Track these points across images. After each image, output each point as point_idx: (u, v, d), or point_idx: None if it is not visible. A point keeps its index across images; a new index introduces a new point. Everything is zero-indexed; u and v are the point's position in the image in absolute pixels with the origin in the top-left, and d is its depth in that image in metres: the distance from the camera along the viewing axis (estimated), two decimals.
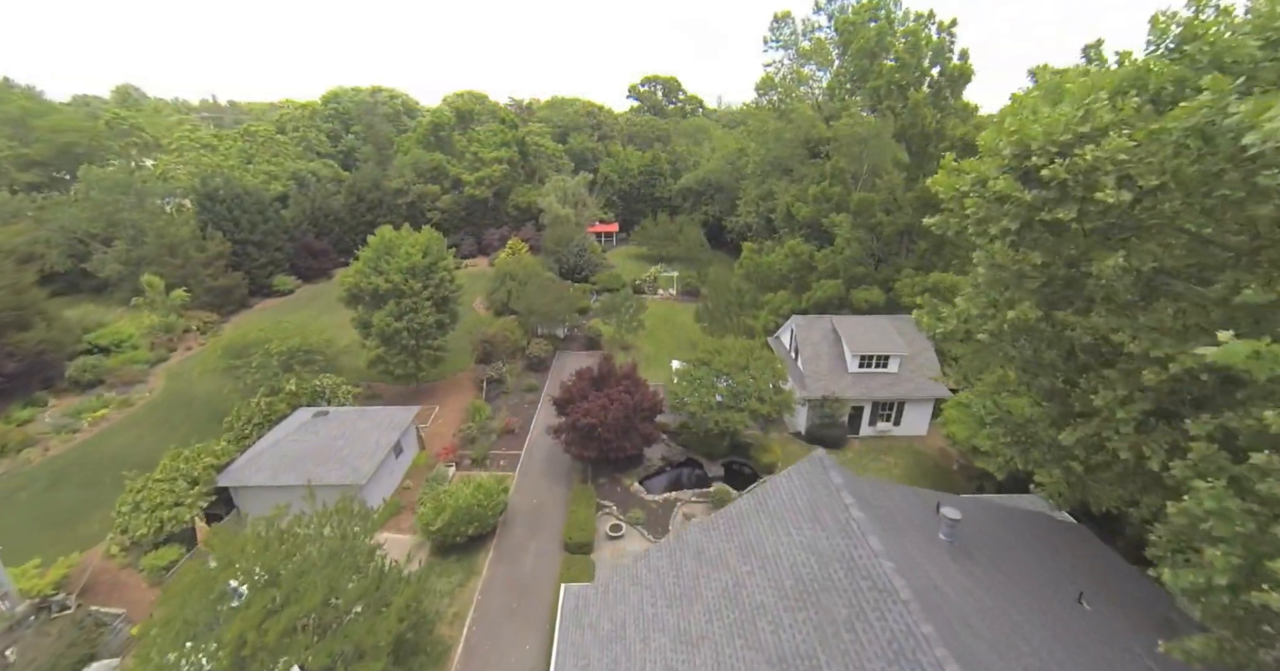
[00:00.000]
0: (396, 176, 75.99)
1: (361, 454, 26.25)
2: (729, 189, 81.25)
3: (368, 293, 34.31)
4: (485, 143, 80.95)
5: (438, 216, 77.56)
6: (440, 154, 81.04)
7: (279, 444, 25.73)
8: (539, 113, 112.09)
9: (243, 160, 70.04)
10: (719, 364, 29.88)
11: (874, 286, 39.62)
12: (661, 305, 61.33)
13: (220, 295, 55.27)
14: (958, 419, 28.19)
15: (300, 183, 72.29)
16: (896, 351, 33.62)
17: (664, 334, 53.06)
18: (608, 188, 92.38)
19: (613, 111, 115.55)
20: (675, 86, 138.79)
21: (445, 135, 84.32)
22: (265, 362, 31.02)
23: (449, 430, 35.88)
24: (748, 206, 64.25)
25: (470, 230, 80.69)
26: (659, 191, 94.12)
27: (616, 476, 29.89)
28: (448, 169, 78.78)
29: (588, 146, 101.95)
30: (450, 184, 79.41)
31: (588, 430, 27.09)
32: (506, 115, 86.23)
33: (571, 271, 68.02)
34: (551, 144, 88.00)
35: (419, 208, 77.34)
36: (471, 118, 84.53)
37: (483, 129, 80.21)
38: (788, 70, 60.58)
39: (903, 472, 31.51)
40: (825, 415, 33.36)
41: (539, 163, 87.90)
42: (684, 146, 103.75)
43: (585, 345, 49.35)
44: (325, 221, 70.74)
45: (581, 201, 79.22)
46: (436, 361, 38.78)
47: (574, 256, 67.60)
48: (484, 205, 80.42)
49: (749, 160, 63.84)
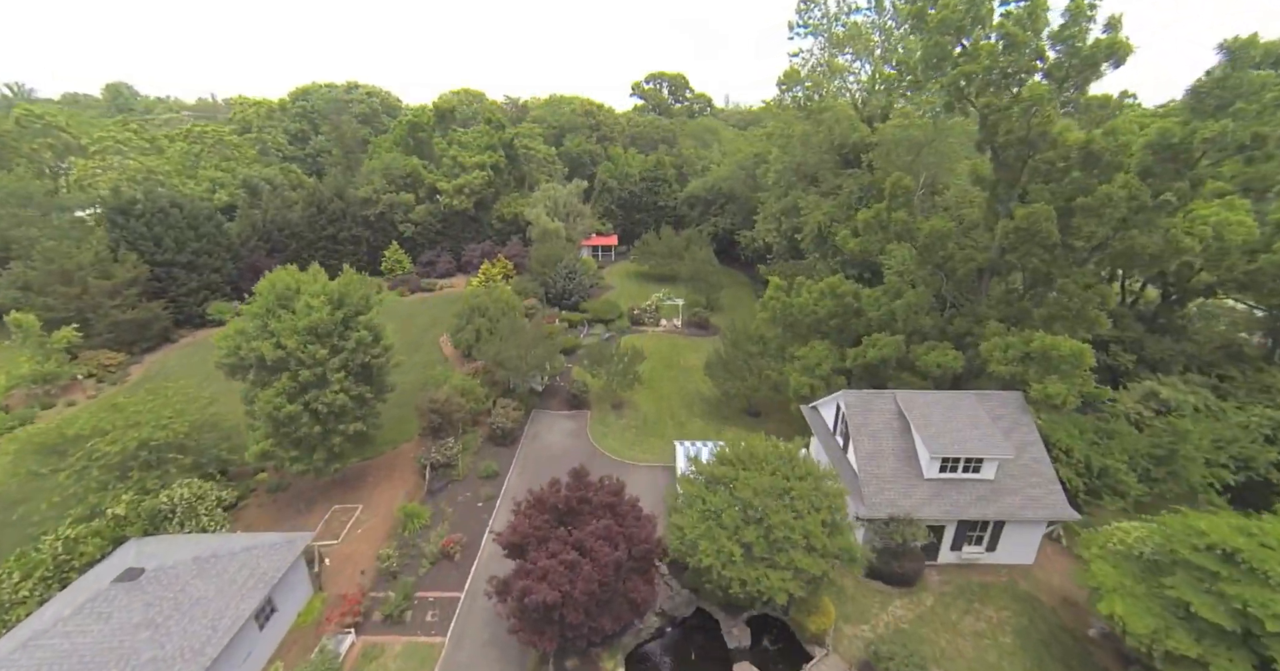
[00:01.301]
0: (364, 183, 66.41)
1: (185, 650, 16.57)
2: (743, 198, 71.26)
3: (252, 361, 24.57)
4: (467, 146, 71.25)
5: (410, 230, 67.93)
6: (417, 158, 71.42)
7: (29, 648, 15.94)
8: (533, 112, 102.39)
9: (186, 165, 60.54)
10: (745, 489, 19.92)
11: (946, 345, 29.58)
12: (663, 340, 51.46)
13: (133, 330, 45.80)
14: (1121, 586, 18.09)
15: (252, 191, 62.84)
16: (996, 453, 23.58)
17: (666, 384, 43.15)
18: (606, 195, 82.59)
19: (613, 111, 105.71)
20: (682, 83, 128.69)
21: (425, 137, 74.66)
22: (85, 469, 21.35)
23: (372, 544, 26.14)
24: (767, 223, 54.16)
25: (448, 245, 70.99)
26: (663, 199, 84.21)
27: (592, 654, 20.04)
28: (423, 175, 69.18)
29: (585, 149, 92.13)
30: (426, 192, 69.79)
31: (543, 611, 17.26)
32: (492, 115, 76.56)
33: (560, 297, 58.26)
34: (542, 147, 78.25)
35: (389, 219, 67.75)
36: (454, 117, 74.99)
37: (463, 131, 70.44)
38: (817, 61, 50.56)
39: (1014, 641, 21.46)
40: (893, 541, 23.39)
41: (528, 168, 78.17)
42: (691, 149, 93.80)
43: (568, 402, 39.43)
44: (279, 236, 61.23)
45: (575, 213, 69.41)
46: (363, 442, 29.08)
47: (562, 279, 57.80)
48: (464, 217, 70.76)
49: (769, 168, 53.85)
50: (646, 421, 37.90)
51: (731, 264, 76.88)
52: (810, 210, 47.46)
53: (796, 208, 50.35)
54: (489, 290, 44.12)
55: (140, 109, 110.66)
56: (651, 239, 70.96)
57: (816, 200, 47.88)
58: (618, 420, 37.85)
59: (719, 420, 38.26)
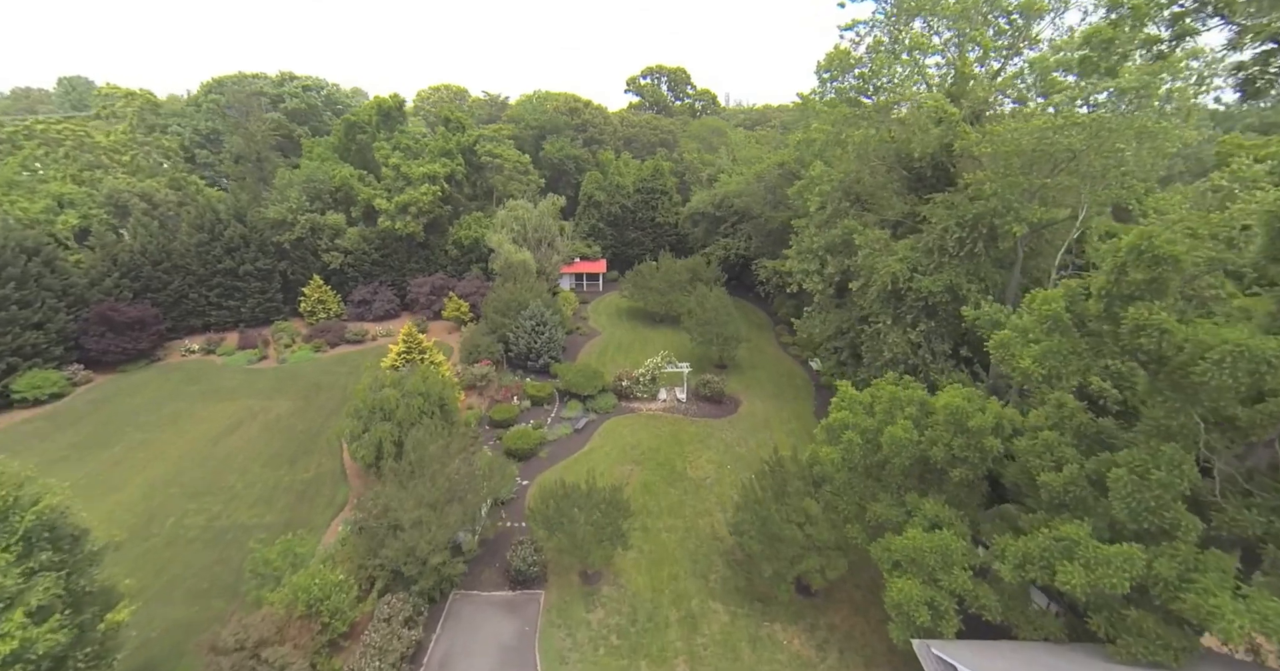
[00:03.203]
0: (278, 201, 51.53)
1: None
2: (761, 217, 56.80)
3: None
4: (415, 152, 56.46)
5: (339, 259, 53.10)
6: (351, 168, 56.56)
7: None
8: (508, 111, 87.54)
9: (13, 176, 45.51)
10: None
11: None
12: (663, 427, 36.86)
13: None
14: None
15: (121, 210, 47.90)
16: None
17: (668, 516, 28.55)
18: (592, 211, 67.92)
19: (604, 109, 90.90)
20: (683, 78, 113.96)
21: (367, 140, 59.68)
22: None
23: None
24: (805, 261, 39.44)
25: (389, 278, 56.22)
26: (662, 215, 69.68)
27: None
28: (357, 190, 54.35)
29: (569, 154, 77.39)
30: (362, 211, 54.98)
31: None
32: (450, 113, 61.75)
33: (524, 357, 43.58)
34: (512, 152, 63.44)
35: (310, 247, 52.91)
36: (403, 116, 60.23)
37: (405, 135, 55.60)
38: (881, 32, 35.81)
39: None
40: None
41: (496, 179, 63.34)
42: (695, 153, 79.24)
43: (509, 578, 24.48)
44: (153, 272, 46.35)
45: (549, 238, 54.69)
46: None
47: (527, 334, 43.07)
48: (410, 243, 55.97)
49: (808, 186, 39.19)
50: (638, 612, 23.19)
51: (742, 293, 62.48)
52: (874, 253, 32.83)
53: (850, 244, 35.72)
54: (399, 379, 29.23)
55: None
56: (648, 270, 56.37)
57: (882, 238, 33.25)
58: (589, 612, 23.13)
59: (750, 603, 23.72)
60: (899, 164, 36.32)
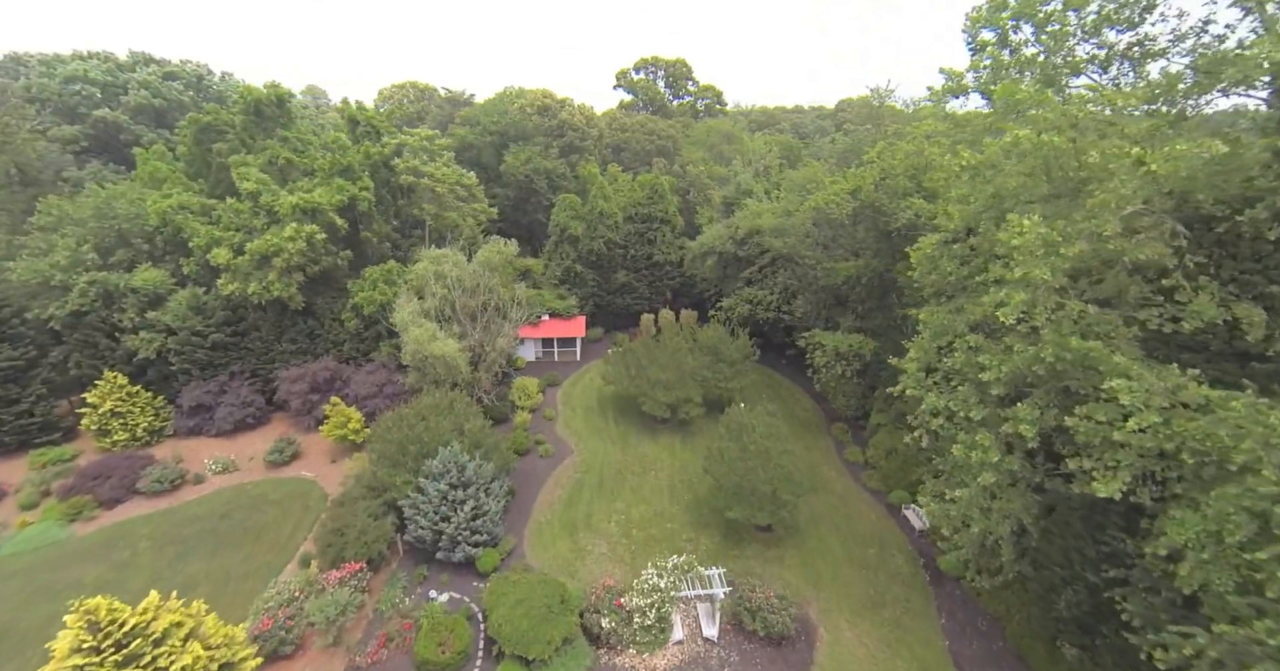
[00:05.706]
0: (43, 252, 31.90)
1: None
2: (815, 265, 38.05)
3: None
4: (303, 169, 37.06)
5: (154, 343, 33.32)
6: (193, 195, 37.01)
7: None
8: (462, 113, 67.93)
9: None
10: None
11: None
12: None
13: None
14: None
15: None
16: None
17: None
18: (566, 249, 48.70)
19: (588, 108, 71.39)
20: (683, 72, 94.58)
21: (228, 150, 39.96)
22: None
23: None
24: (946, 393, 20.26)
25: (247, 366, 36.60)
26: (661, 252, 50.71)
27: None
28: (192, 230, 34.67)
29: (538, 166, 58.02)
30: (197, 265, 35.29)
31: None
32: (355, 112, 42.39)
33: (434, 542, 24.28)
34: (448, 170, 43.93)
35: (104, 323, 33.20)
36: (289, 114, 40.88)
37: (280, 145, 36.31)
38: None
39: None
40: None
41: (427, 209, 43.66)
42: (701, 164, 60.29)
43: None
44: None
45: (492, 306, 35.38)
46: None
47: (434, 508, 23.73)
48: (281, 311, 36.39)
49: (937, 243, 20.21)
50: None
51: (769, 356, 44.38)
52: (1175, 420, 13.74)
53: (1070, 382, 16.54)
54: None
55: None
56: (643, 351, 37.18)
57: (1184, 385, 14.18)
58: None
59: None
60: (1188, 218, 17.30)
